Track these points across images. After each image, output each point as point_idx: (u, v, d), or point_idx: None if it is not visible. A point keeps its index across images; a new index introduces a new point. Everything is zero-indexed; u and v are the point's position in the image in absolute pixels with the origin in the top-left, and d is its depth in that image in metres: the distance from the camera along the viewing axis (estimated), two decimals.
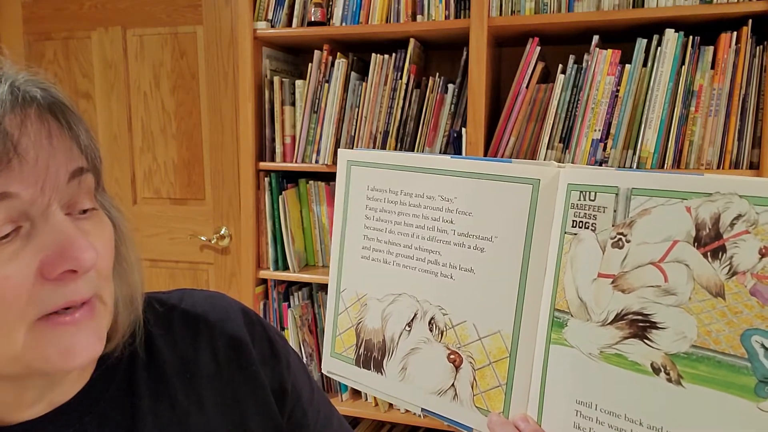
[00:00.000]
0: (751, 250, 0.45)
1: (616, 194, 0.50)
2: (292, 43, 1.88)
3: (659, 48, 1.46)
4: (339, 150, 0.68)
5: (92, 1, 2.23)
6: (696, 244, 0.47)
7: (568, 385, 0.52)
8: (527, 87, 1.57)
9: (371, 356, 0.64)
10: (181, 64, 2.16)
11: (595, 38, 1.52)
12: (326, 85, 1.76)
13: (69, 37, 2.26)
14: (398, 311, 0.62)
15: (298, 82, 1.83)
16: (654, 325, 0.49)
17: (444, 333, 0.60)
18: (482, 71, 1.56)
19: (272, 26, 1.78)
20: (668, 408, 0.48)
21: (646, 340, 0.50)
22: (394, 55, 1.70)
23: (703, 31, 1.46)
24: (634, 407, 0.50)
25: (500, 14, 1.57)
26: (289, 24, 1.78)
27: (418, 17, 1.66)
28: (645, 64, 1.49)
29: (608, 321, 0.50)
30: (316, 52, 1.76)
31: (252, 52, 1.78)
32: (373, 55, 1.72)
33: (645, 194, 0.49)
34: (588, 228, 0.51)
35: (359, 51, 1.84)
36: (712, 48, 1.44)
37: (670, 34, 1.44)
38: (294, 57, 2.02)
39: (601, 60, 1.50)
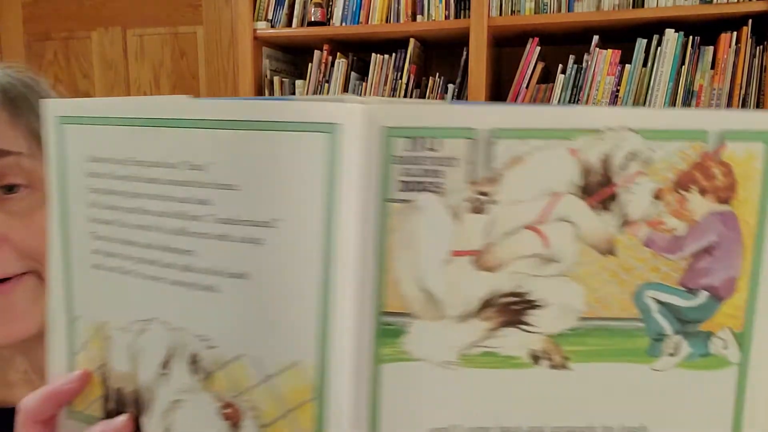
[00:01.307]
0: (645, 194, 0.38)
1: (471, 138, 0.37)
2: (292, 43, 1.88)
3: (659, 48, 1.48)
4: (42, 101, 0.45)
5: (92, 1, 2.25)
6: (582, 195, 0.37)
7: (416, 415, 0.40)
8: (527, 87, 1.58)
9: (126, 413, 0.44)
10: (181, 64, 2.15)
11: (595, 38, 1.53)
12: (326, 85, 1.76)
13: (69, 37, 2.28)
14: (150, 346, 0.42)
15: (298, 82, 1.83)
16: (532, 305, 0.39)
17: (212, 376, 0.40)
18: (482, 71, 1.56)
19: (272, 26, 1.79)
20: (552, 399, 0.40)
21: (522, 326, 0.39)
22: (394, 55, 1.71)
23: (703, 31, 1.46)
24: (511, 412, 0.40)
25: (500, 14, 1.58)
26: (289, 24, 1.79)
27: (418, 17, 1.67)
28: (645, 64, 1.50)
29: (470, 313, 0.39)
30: (316, 52, 1.77)
31: (252, 52, 1.79)
32: (373, 55, 1.73)
33: (514, 136, 0.37)
34: (429, 190, 0.38)
35: (359, 51, 1.82)
36: (712, 48, 1.46)
37: (670, 34, 1.46)
38: (294, 57, 2.00)
39: (601, 60, 1.52)
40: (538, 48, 1.57)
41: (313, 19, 1.74)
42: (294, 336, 0.39)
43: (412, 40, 1.68)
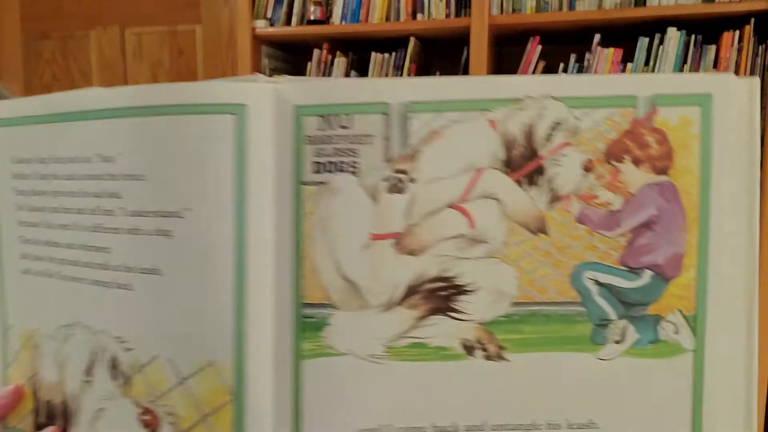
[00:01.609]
0: (573, 166, 0.35)
1: (385, 114, 0.36)
2: (291, 42, 1.88)
3: (661, 47, 1.45)
4: None
5: None
6: (507, 169, 0.34)
7: (343, 414, 0.37)
8: None
9: (54, 426, 0.42)
10: (179, 62, 2.16)
11: (597, 37, 1.50)
12: None
13: (67, 36, 2.29)
14: (75, 353, 0.41)
15: None
16: (461, 290, 0.36)
17: (131, 380, 0.39)
18: (483, 70, 1.54)
19: (271, 25, 1.80)
20: (490, 394, 0.37)
21: (452, 313, 0.36)
22: (394, 53, 1.70)
23: (706, 29, 1.45)
24: (446, 409, 0.37)
25: (501, 13, 1.56)
26: (288, 22, 1.79)
27: (419, 16, 1.65)
28: (647, 63, 1.47)
29: (395, 301, 0.36)
30: (316, 51, 1.77)
31: (251, 51, 1.78)
32: (373, 53, 1.71)
33: (429, 109, 0.35)
34: (344, 171, 0.36)
35: (359, 50, 1.82)
36: (714, 47, 1.43)
37: (672, 32, 1.44)
38: (293, 56, 1.99)
39: (603, 59, 1.49)
40: (540, 47, 1.55)
41: (312, 18, 1.75)
42: (208, 333, 0.37)
43: (412, 39, 1.66)
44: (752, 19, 1.37)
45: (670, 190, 0.35)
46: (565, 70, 1.50)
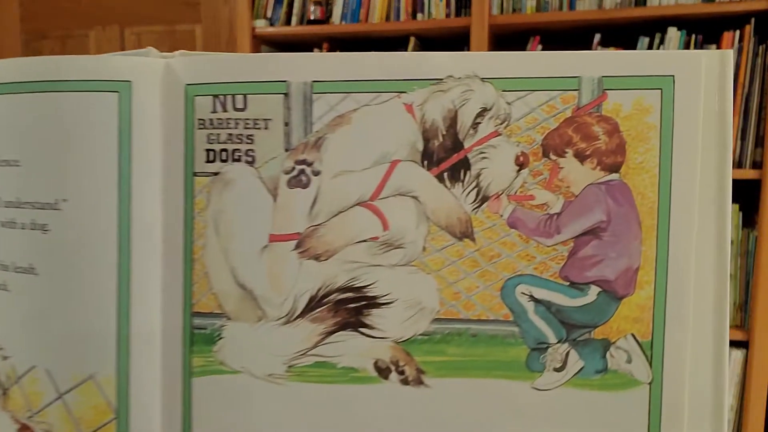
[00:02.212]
0: (504, 160, 0.30)
1: (285, 94, 0.31)
2: (291, 42, 1.88)
3: (661, 46, 1.43)
4: None
5: None
6: (426, 162, 0.29)
7: None
8: None
9: None
10: None
11: (597, 37, 1.48)
12: None
13: (66, 35, 2.32)
14: None
15: None
16: (373, 303, 0.31)
17: (8, 392, 0.35)
18: None
19: (271, 24, 1.81)
20: (406, 424, 0.32)
21: (363, 329, 0.31)
22: None
23: (706, 29, 1.42)
24: None
25: (501, 12, 1.54)
26: (288, 22, 1.80)
27: (418, 15, 1.64)
28: None
29: (297, 313, 0.31)
30: (315, 51, 1.77)
31: (250, 51, 1.80)
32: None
33: (335, 90, 0.30)
34: (240, 160, 0.31)
35: (359, 50, 1.79)
36: (714, 47, 1.41)
37: (672, 32, 1.42)
38: None
39: None
40: (540, 46, 1.52)
41: (312, 18, 1.75)
42: (88, 343, 0.32)
43: (412, 39, 1.64)
44: (752, 19, 1.35)
45: (621, 191, 0.30)
46: None
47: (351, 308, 0.31)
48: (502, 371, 0.31)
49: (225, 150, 0.31)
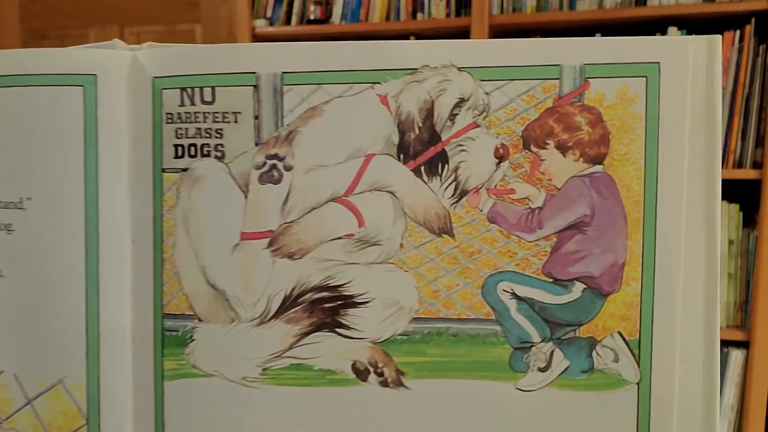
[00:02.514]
0: (483, 153, 0.29)
1: (255, 86, 0.29)
2: (290, 42, 1.86)
3: None
4: None
5: None
6: (402, 156, 0.28)
7: None
8: None
9: None
10: None
11: (597, 36, 1.44)
12: None
13: (65, 35, 2.31)
14: None
15: None
16: (350, 301, 0.30)
17: None
18: None
19: (271, 24, 1.80)
20: (385, 427, 0.30)
21: (340, 330, 0.30)
22: None
23: (706, 29, 1.40)
24: None
25: (501, 12, 1.54)
26: (288, 22, 1.79)
27: (418, 15, 1.63)
28: None
29: (271, 313, 0.30)
30: None
31: None
32: None
33: (307, 81, 0.29)
34: (209, 155, 0.30)
35: None
36: None
37: (672, 32, 1.41)
38: None
39: None
40: None
41: (312, 17, 1.74)
42: (58, 347, 0.31)
43: (412, 39, 1.62)
44: (753, 19, 1.34)
45: (605, 184, 0.28)
46: None
47: (327, 308, 0.30)
48: (485, 372, 0.30)
49: (194, 145, 0.30)
